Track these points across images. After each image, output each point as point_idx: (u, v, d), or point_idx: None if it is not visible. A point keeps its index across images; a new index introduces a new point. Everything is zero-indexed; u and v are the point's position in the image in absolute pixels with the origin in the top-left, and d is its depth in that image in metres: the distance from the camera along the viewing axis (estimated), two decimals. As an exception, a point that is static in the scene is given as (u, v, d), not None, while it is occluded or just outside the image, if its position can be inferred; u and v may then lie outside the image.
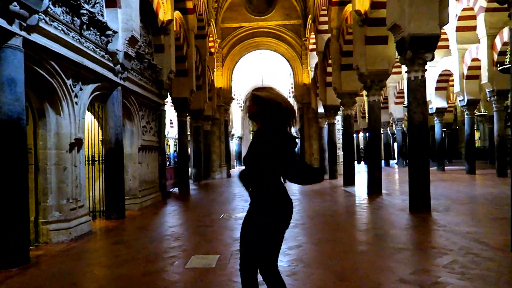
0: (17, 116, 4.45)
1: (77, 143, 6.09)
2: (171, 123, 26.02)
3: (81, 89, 6.30)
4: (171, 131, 28.07)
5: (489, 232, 5.58)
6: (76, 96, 6.13)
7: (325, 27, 15.71)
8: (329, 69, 15.67)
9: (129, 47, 7.58)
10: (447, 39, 16.78)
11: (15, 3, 4.31)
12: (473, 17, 15.10)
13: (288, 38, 20.99)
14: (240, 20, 20.84)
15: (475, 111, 18.18)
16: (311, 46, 19.74)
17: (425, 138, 7.54)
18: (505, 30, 13.73)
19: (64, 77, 5.70)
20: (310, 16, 18.76)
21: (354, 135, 20.63)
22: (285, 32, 20.91)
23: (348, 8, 12.34)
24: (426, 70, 7.57)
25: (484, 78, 14.65)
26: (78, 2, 5.90)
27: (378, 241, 5.27)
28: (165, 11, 10.56)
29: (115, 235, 6.20)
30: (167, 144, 31.62)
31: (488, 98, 15.37)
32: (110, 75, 7.22)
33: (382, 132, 20.73)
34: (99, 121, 7.88)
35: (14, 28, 4.41)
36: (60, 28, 5.52)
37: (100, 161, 7.70)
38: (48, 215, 5.61)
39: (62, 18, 5.64)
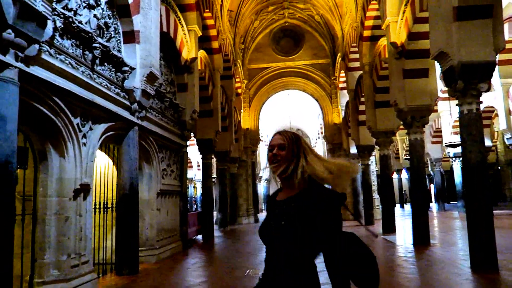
0: (5, 159, 3.78)
1: (83, 189, 5.39)
2: (198, 165, 25.55)
3: (91, 128, 5.70)
4: (198, 174, 27.55)
5: None
6: (84, 136, 5.51)
7: (356, 64, 15.05)
8: (362, 107, 14.82)
9: (147, 84, 7.04)
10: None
11: (9, 31, 3.78)
12: (517, 50, 14.05)
13: (317, 77, 20.47)
14: (267, 60, 20.60)
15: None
16: (341, 85, 19.07)
17: (485, 181, 6.40)
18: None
19: (70, 115, 5.10)
20: (339, 54, 18.24)
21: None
22: (313, 71, 20.43)
23: (381, 42, 11.67)
24: (481, 102, 6.57)
25: (535, 114, 13.32)
26: (90, 35, 5.42)
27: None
28: (189, 50, 10.18)
29: (122, 298, 5.31)
30: (194, 187, 31.12)
31: (541, 136, 13.92)
32: (125, 114, 6.64)
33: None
34: (115, 163, 7.26)
35: (8, 58, 3.86)
36: (67, 62, 5.00)
37: (114, 208, 6.97)
38: (44, 274, 4.82)
39: (71, 51, 5.14)
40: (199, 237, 12.69)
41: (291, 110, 27.27)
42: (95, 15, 5.86)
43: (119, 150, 6.94)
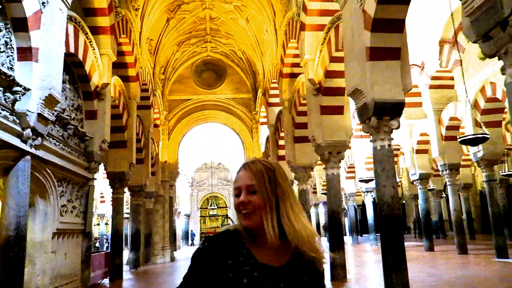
0: None
1: None
2: (111, 199, 23.68)
3: (-36, 157, 4.71)
4: (110, 209, 25.51)
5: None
6: (-46, 166, 4.52)
7: (276, 99, 15.35)
8: (282, 142, 14.99)
9: (45, 108, 6.18)
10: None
11: None
12: (418, 94, 15.43)
13: (238, 111, 20.55)
14: (188, 92, 20.25)
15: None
16: (261, 119, 19.29)
17: (398, 215, 6.54)
18: (450, 106, 14.03)
19: None
20: (260, 90, 18.56)
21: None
22: (235, 105, 20.49)
23: (300, 79, 12.02)
24: (392, 138, 6.82)
25: (435, 152, 14.58)
26: (-30, 45, 4.58)
27: None
28: (100, 75, 9.41)
29: None
30: (106, 224, 28.68)
31: (440, 172, 15.23)
32: (15, 141, 5.69)
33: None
34: (1, 198, 6.14)
35: None
36: None
37: (-6, 253, 5.80)
38: None
39: None
40: (106, 281, 11.37)
41: (213, 144, 26.98)
42: (-20, 25, 5.03)
43: (5, 183, 5.88)
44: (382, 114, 6.59)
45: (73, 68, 8.51)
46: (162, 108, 18.87)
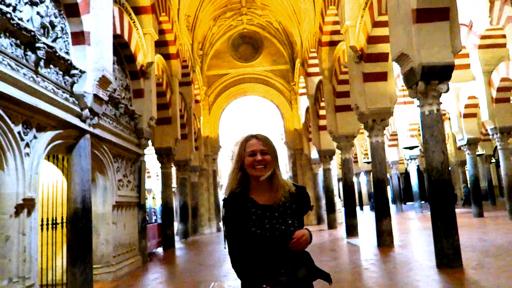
0: None
1: (27, 205, 4.82)
2: (157, 175, 24.70)
3: (35, 137, 5.14)
4: (157, 184, 26.63)
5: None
6: (27, 146, 4.96)
7: (315, 69, 15.15)
8: (322, 112, 14.91)
9: (100, 89, 6.53)
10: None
11: None
12: (465, 56, 14.68)
13: (276, 83, 20.47)
14: (226, 67, 20.35)
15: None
16: (300, 90, 19.16)
17: (448, 180, 6.46)
18: (501, 66, 13.28)
19: (9, 122, 4.55)
20: (298, 60, 18.33)
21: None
22: (272, 77, 20.41)
23: (340, 47, 11.77)
24: (441, 103, 6.66)
25: (485, 116, 13.96)
26: (32, 33, 4.90)
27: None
28: (144, 54, 9.71)
29: (74, 324, 4.77)
30: (153, 198, 30.03)
31: (490, 136, 14.61)
32: (75, 121, 6.10)
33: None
34: (65, 175, 6.66)
35: None
36: (5, 63, 4.46)
37: (64, 224, 6.37)
38: (-19, 304, 4.23)
39: (10, 52, 4.60)
40: (160, 250, 12.10)
41: (253, 116, 27.15)
42: (38, 13, 5.34)
43: (69, 161, 6.36)
44: (430, 78, 6.44)
45: (120, 49, 8.82)
46: (201, 83, 19.17)
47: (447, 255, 6.22)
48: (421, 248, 8.94)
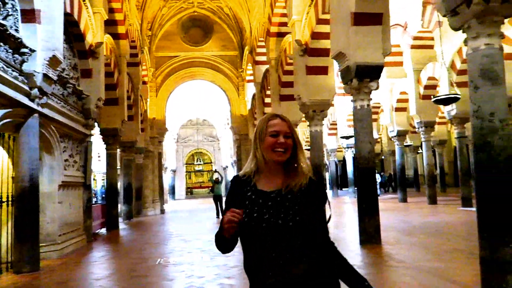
0: None
1: (-23, 182, 4.90)
2: (99, 156, 24.10)
3: (-15, 115, 5.17)
4: (98, 165, 25.98)
5: (450, 266, 5.33)
6: (-23, 123, 4.99)
7: (263, 58, 15.69)
8: (268, 100, 15.54)
9: (49, 68, 6.56)
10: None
11: None
12: (400, 54, 15.99)
13: (225, 69, 20.79)
14: (175, 49, 20.27)
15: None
16: (248, 77, 19.65)
17: (373, 168, 7.36)
18: (429, 66, 14.68)
19: (-40, 100, 4.59)
20: (247, 48, 18.76)
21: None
22: (221, 63, 20.69)
23: (287, 39, 12.37)
24: (371, 99, 7.49)
25: (413, 110, 15.41)
26: (-16, 11, 4.90)
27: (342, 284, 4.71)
28: (94, 33, 9.63)
29: (25, 296, 4.99)
30: (93, 179, 29.25)
31: (416, 129, 16.17)
32: (25, 99, 6.12)
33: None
34: (10, 154, 6.65)
35: None
36: (-43, 40, 4.47)
37: (10, 203, 6.40)
38: None
39: (-39, 28, 4.60)
40: (104, 230, 12.16)
41: (198, 100, 27.24)
42: (-11, -11, 5.30)
43: (17, 139, 6.37)
44: (363, 76, 7.21)
45: (69, 27, 8.71)
46: (149, 65, 18.97)
47: (369, 233, 7.14)
48: (350, 228, 9.94)
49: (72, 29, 8.85)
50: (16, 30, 6.10)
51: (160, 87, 20.40)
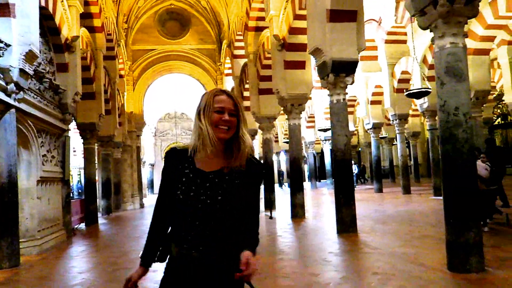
0: None
1: (-45, 178, 4.87)
2: (74, 151, 23.70)
3: (-39, 111, 5.12)
4: (74, 160, 25.54)
5: (420, 251, 5.66)
6: (-46, 119, 4.94)
7: (241, 52, 15.76)
8: (246, 94, 15.65)
9: (26, 63, 6.49)
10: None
11: None
12: (375, 48, 16.37)
13: (203, 62, 20.74)
14: (152, 42, 20.07)
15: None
16: (226, 71, 19.68)
17: (349, 160, 7.64)
18: (403, 60, 15.12)
19: None
20: (225, 41, 18.76)
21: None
22: (199, 56, 20.63)
23: (265, 33, 12.49)
24: (347, 93, 7.74)
25: (387, 103, 15.86)
26: (-41, 5, 4.83)
27: (320, 270, 4.96)
28: (69, 27, 9.50)
29: (7, 291, 5.02)
30: (78, 175, 28.74)
31: (391, 122, 16.65)
32: (1, 95, 6.05)
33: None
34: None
35: None
36: None
37: (-13, 199, 6.35)
38: None
39: None
40: (83, 225, 12.09)
41: (176, 94, 27.05)
42: (-38, -17, 5.21)
43: (-7, 135, 6.31)
44: (339, 72, 7.45)
45: (44, 21, 8.56)
46: (126, 58, 18.74)
47: (346, 222, 7.44)
48: (328, 218, 10.25)
49: (47, 23, 8.70)
50: (-9, 25, 6.01)
51: (137, 80, 20.20)
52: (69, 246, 8.45)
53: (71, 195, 22.43)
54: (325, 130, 19.90)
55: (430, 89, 11.05)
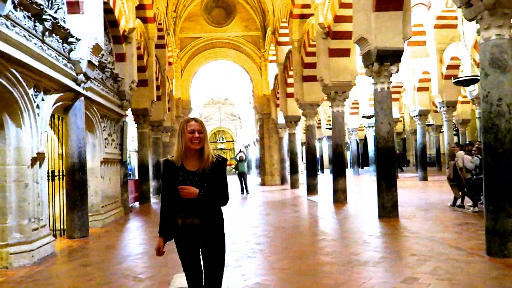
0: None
1: (39, 158, 5.63)
2: (132, 137, 25.08)
3: (42, 99, 5.86)
4: (133, 145, 27.00)
5: (459, 237, 5.82)
6: (38, 107, 5.69)
7: (285, 39, 15.97)
8: (290, 80, 15.90)
9: (92, 55, 7.21)
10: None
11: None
12: (423, 33, 15.97)
13: (247, 49, 21.11)
14: (198, 30, 20.70)
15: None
16: (270, 58, 19.96)
17: (392, 147, 7.78)
18: (452, 45, 14.67)
19: (26, 87, 5.26)
20: (269, 28, 19.00)
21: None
22: (244, 43, 21.01)
23: (310, 21, 12.63)
24: (391, 82, 7.85)
25: (434, 90, 15.52)
26: (41, 7, 5.51)
27: (360, 250, 5.30)
28: (127, 19, 10.20)
29: (82, 256, 5.77)
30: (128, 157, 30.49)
31: (438, 109, 16.28)
32: (73, 84, 6.80)
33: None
34: (57, 134, 7.40)
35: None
36: (22, 34, 5.11)
37: (60, 177, 7.19)
38: (8, 237, 5.11)
39: (24, 23, 5.23)
40: (137, 204, 13.06)
41: (221, 80, 27.73)
42: (42, -14, 5.89)
43: (65, 120, 7.10)
44: (383, 60, 7.57)
45: (105, 14, 9.28)
46: (174, 46, 19.51)
47: (387, 207, 7.64)
48: (369, 204, 10.42)
49: (107, 16, 9.40)
50: (64, 21, 6.72)
51: (185, 67, 20.98)
52: (127, 221, 9.30)
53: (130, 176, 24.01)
54: (369, 117, 19.75)
55: (478, 76, 10.73)
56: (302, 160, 27.46)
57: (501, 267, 4.18)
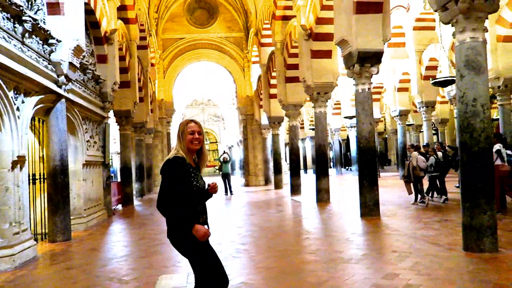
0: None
1: (20, 161, 5.55)
2: (114, 139, 24.79)
3: (23, 102, 5.78)
4: (115, 147, 26.68)
5: (437, 233, 6.00)
6: (18, 109, 5.61)
7: (268, 40, 16.08)
8: (273, 81, 16.02)
9: (74, 57, 7.13)
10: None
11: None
12: (403, 35, 16.31)
13: (230, 50, 21.14)
14: (181, 31, 20.62)
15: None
16: (253, 59, 20.03)
17: (373, 147, 7.95)
18: (431, 47, 15.04)
19: (5, 89, 5.19)
20: (252, 30, 19.08)
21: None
22: (227, 44, 21.03)
23: (292, 23, 12.75)
24: (372, 83, 8.01)
25: (414, 91, 15.86)
26: (21, 8, 5.44)
27: (343, 248, 5.41)
28: (108, 20, 10.11)
29: (65, 259, 5.71)
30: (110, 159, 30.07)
31: (418, 109, 16.64)
32: (53, 86, 6.72)
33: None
34: (38, 137, 7.29)
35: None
36: (1, 35, 5.04)
37: (41, 180, 7.09)
38: (-13, 242, 5.03)
39: (3, 25, 5.16)
40: (119, 206, 12.94)
41: (203, 81, 27.63)
42: (22, -14, 5.81)
43: (47, 123, 7.00)
44: (364, 62, 7.73)
45: (86, 15, 9.17)
46: (156, 47, 19.39)
47: (369, 206, 7.80)
48: (352, 203, 10.59)
49: (88, 17, 9.30)
50: (44, 23, 6.64)
51: (167, 69, 20.87)
52: (110, 224, 9.21)
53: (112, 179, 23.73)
54: (351, 118, 20.04)
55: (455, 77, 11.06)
56: (286, 161, 27.61)
57: (477, 262, 4.34)
